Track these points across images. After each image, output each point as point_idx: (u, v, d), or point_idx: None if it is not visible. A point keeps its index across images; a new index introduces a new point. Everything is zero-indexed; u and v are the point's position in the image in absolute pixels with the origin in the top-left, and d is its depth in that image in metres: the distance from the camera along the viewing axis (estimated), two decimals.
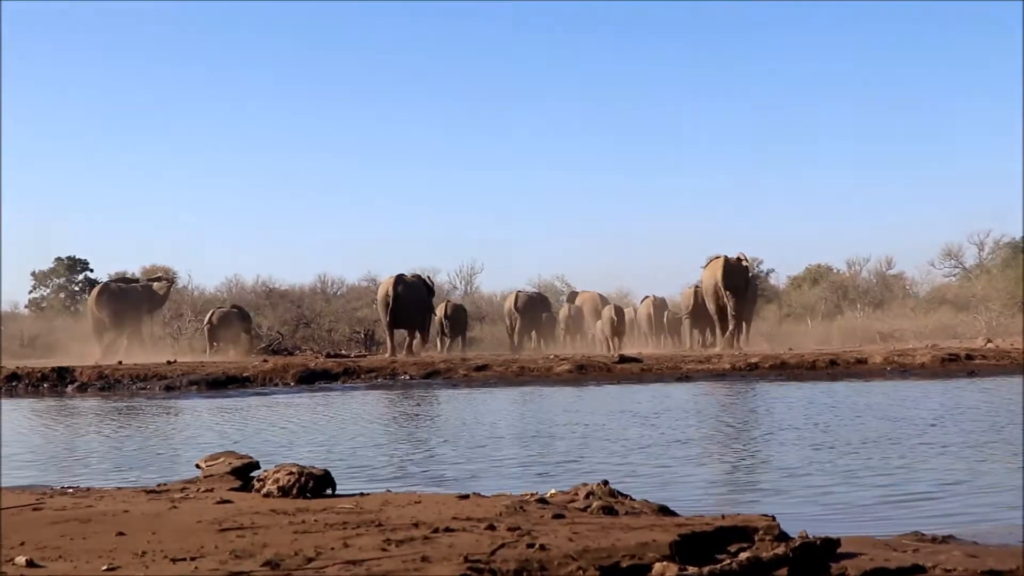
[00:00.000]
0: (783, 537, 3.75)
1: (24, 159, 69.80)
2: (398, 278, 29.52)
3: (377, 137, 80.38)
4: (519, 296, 36.57)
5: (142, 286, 33.12)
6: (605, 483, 4.90)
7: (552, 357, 23.15)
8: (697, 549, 3.58)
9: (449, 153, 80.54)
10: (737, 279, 29.09)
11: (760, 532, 3.79)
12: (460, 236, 74.25)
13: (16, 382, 18.89)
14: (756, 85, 78.57)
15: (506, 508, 4.38)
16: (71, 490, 5.44)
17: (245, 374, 19.38)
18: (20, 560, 3.42)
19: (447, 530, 3.85)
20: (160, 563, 3.40)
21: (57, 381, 18.93)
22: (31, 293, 50.95)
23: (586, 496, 4.74)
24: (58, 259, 50.42)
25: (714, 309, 29.86)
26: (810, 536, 3.64)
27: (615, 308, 35.57)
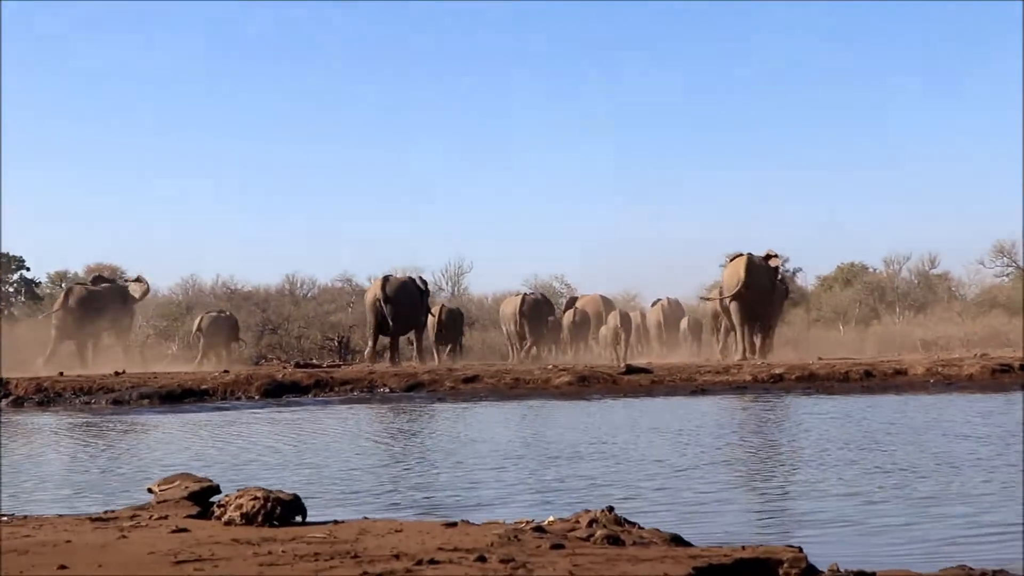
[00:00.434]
0: (811, 571, 3.77)
1: None
2: (387, 279, 29.80)
3: (351, 124, 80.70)
4: (525, 299, 36.68)
5: (116, 288, 33.10)
6: (610, 509, 4.91)
7: (550, 368, 23.18)
8: None
9: (431, 141, 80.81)
10: (763, 279, 29.03)
11: (785, 565, 3.82)
12: (446, 231, 74.46)
13: None
14: (777, 70, 78.88)
15: (498, 538, 4.39)
16: (6, 518, 5.44)
17: (203, 386, 19.38)
18: None
19: (431, 562, 3.87)
20: None
21: None
22: None
23: (589, 524, 4.75)
24: None
25: (736, 311, 29.82)
26: (841, 570, 3.66)
27: (620, 313, 35.65)
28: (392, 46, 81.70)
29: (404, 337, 31.11)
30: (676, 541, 4.56)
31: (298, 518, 5.05)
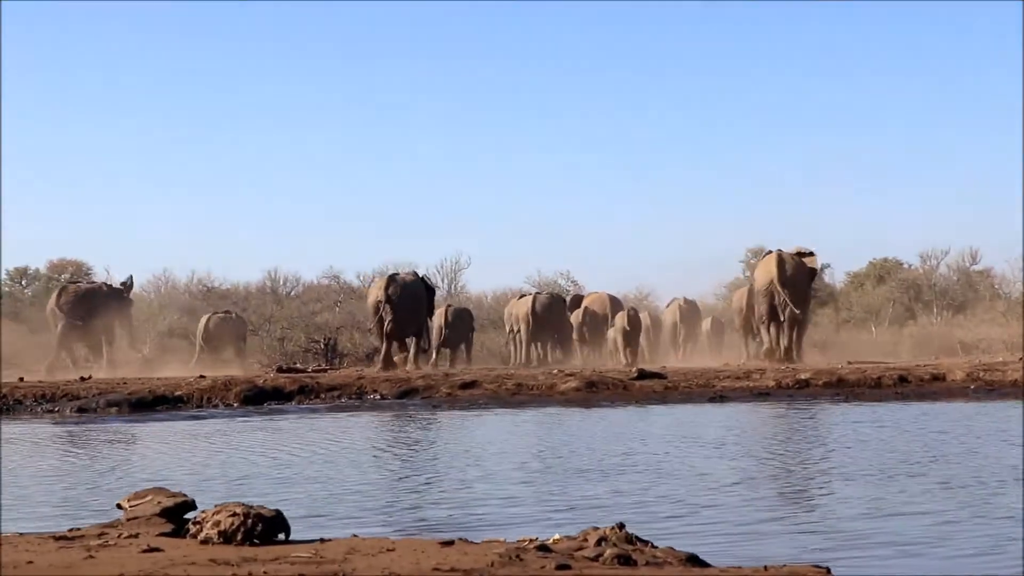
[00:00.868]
0: None
1: None
2: (391, 279, 30.08)
3: (337, 110, 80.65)
4: (537, 299, 36.70)
5: (110, 288, 33.32)
6: (621, 526, 4.91)
7: (555, 372, 23.19)
8: None
9: (425, 133, 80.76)
10: (796, 276, 29.53)
11: None
12: (441, 225, 74.40)
13: None
14: (801, 58, 78.89)
15: (499, 557, 4.40)
16: None
17: (177, 393, 19.40)
18: None
19: None
20: None
21: None
22: None
23: (597, 543, 4.76)
24: None
25: (766, 310, 30.13)
26: None
27: (629, 313, 35.58)
28: (386, 37, 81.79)
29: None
30: (692, 561, 4.57)
31: (281, 536, 5.05)
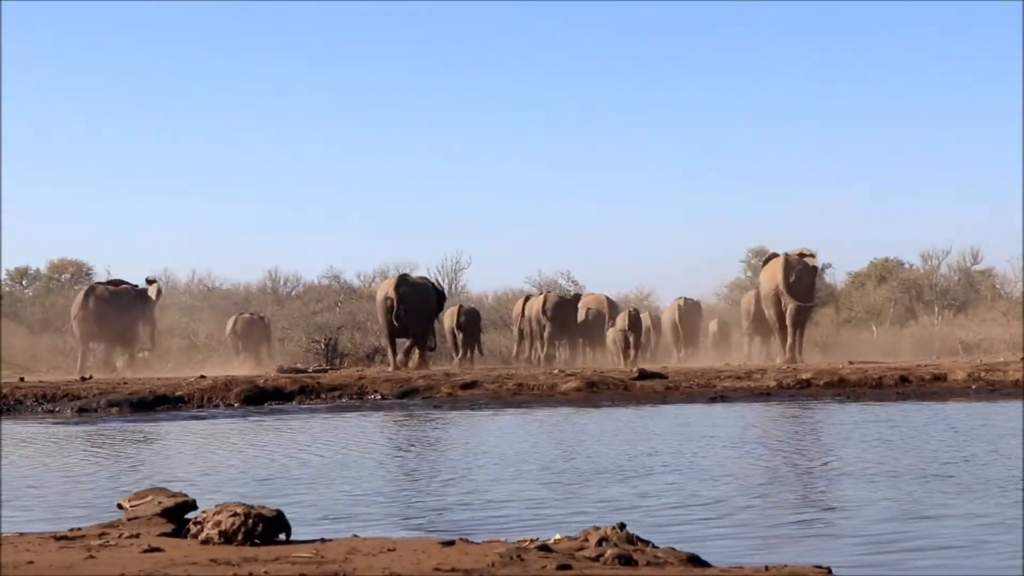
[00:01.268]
0: None
1: None
2: (401, 279, 30.33)
3: (337, 110, 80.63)
4: (548, 298, 36.78)
5: (136, 290, 33.47)
6: (621, 526, 4.92)
7: (556, 372, 23.20)
8: None
9: (424, 128, 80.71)
10: (804, 279, 29.85)
11: None
12: (441, 225, 74.39)
13: None
14: (805, 57, 78.91)
15: (500, 557, 4.40)
16: None
17: (178, 393, 19.44)
18: None
19: None
20: None
21: None
22: None
23: (598, 543, 4.76)
24: None
25: (774, 315, 30.37)
26: None
27: (630, 313, 35.60)
28: (386, 38, 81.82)
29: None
30: (693, 561, 4.57)
31: (282, 536, 5.06)
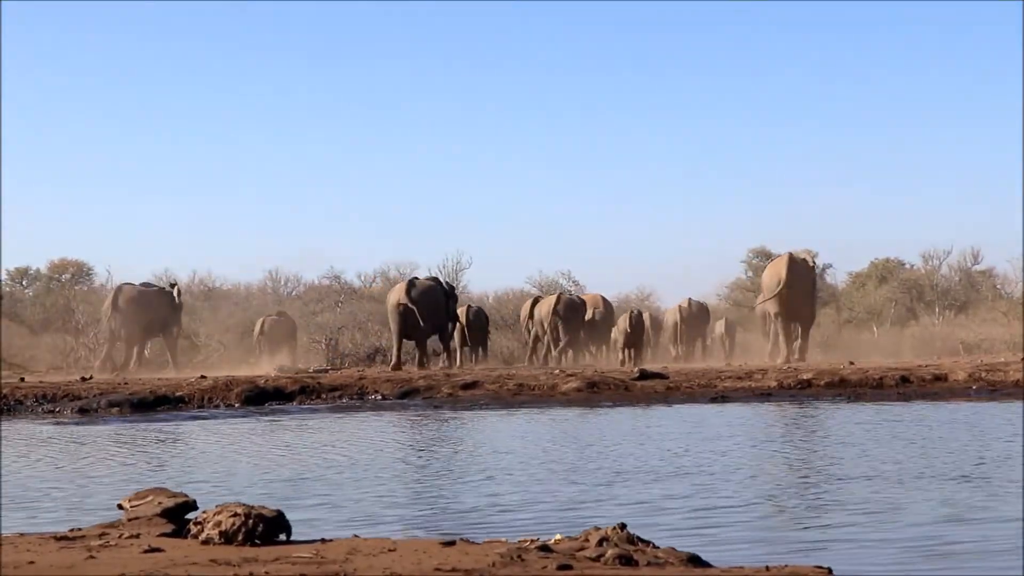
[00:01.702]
0: None
1: None
2: (412, 281, 30.72)
3: (337, 110, 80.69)
4: (561, 299, 36.88)
5: (162, 291, 33.70)
6: (622, 527, 4.92)
7: (557, 373, 23.20)
8: None
9: (424, 128, 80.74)
10: (806, 280, 30.10)
11: None
12: (441, 225, 74.40)
13: None
14: (805, 57, 78.92)
15: (500, 557, 4.41)
16: None
17: (179, 393, 19.45)
18: None
19: None
20: None
21: None
22: None
23: (599, 543, 4.76)
24: None
25: (779, 317, 30.57)
26: None
27: (632, 314, 35.62)
28: (387, 38, 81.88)
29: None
30: (694, 561, 4.57)
31: (282, 536, 5.06)
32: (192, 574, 4.18)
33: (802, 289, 30.12)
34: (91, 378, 23.11)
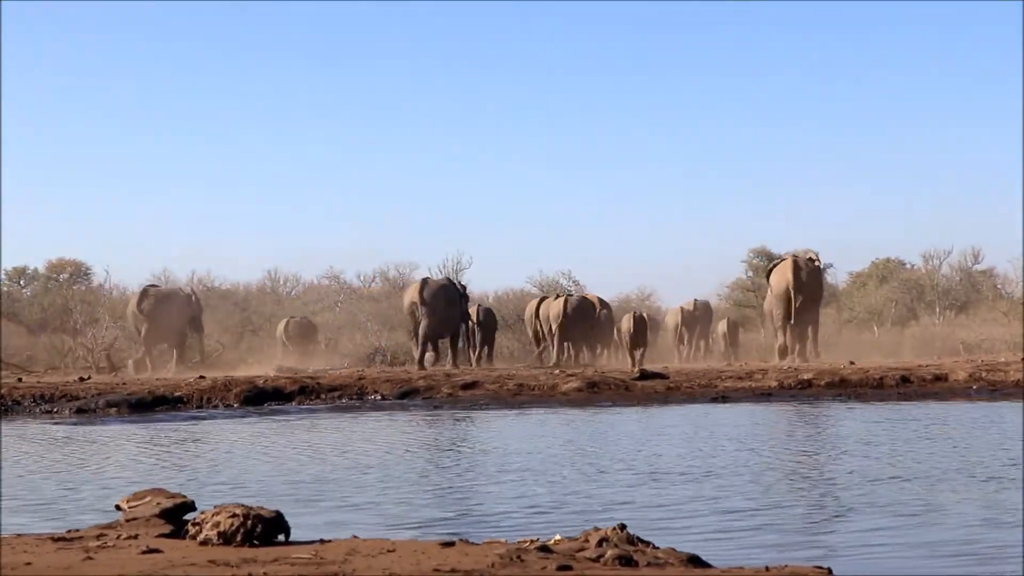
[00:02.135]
0: None
1: None
2: (425, 281, 31.16)
3: (337, 110, 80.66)
4: (569, 301, 36.91)
5: (184, 293, 34.00)
6: (622, 527, 4.91)
7: (557, 373, 23.21)
8: None
9: (424, 128, 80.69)
10: (811, 281, 30.28)
11: None
12: (441, 225, 74.37)
13: None
14: (805, 57, 78.90)
15: (499, 558, 4.40)
16: None
17: (177, 394, 19.43)
18: None
19: None
20: None
21: None
22: None
23: (598, 543, 4.76)
24: None
25: (782, 316, 30.68)
26: None
27: (634, 315, 35.63)
28: (387, 38, 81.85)
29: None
30: (694, 562, 4.57)
31: (281, 537, 5.05)
32: (190, 575, 4.17)
33: (811, 291, 30.45)
34: (89, 378, 23.10)
